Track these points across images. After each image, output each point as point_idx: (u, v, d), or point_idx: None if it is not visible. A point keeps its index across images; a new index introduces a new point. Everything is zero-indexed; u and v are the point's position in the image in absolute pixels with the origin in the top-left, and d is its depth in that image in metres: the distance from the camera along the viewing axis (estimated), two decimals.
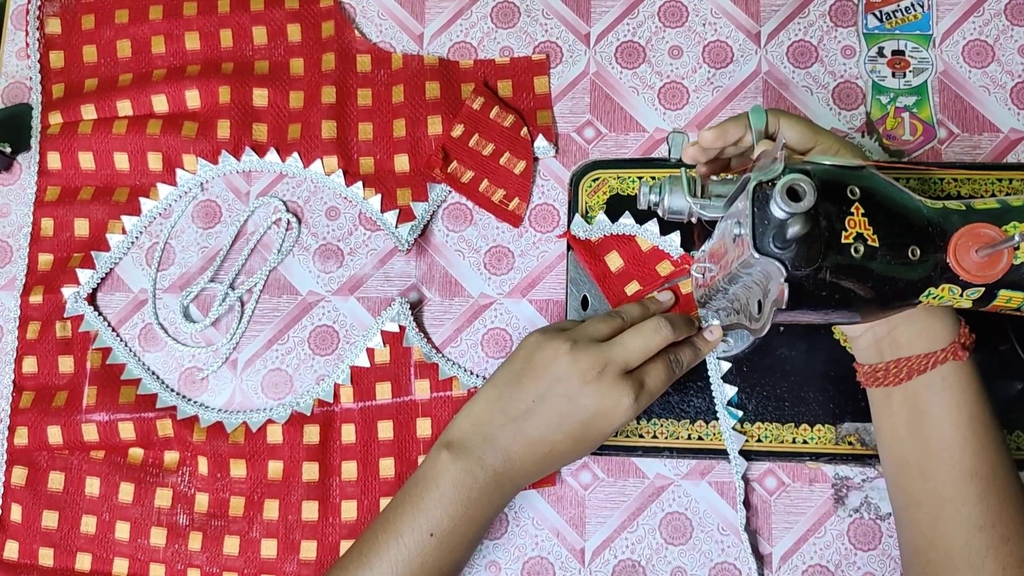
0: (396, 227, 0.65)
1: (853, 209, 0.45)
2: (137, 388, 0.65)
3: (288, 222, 0.67)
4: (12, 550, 0.64)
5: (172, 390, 0.65)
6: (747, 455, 0.61)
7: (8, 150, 0.68)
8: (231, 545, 0.62)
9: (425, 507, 0.52)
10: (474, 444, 0.53)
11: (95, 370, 0.65)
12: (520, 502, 0.62)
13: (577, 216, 0.64)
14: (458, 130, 0.66)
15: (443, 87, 0.67)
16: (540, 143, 0.66)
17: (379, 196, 0.65)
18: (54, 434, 0.64)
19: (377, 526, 0.53)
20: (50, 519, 0.64)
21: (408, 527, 0.52)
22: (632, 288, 0.63)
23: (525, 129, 0.66)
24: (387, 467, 0.62)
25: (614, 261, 0.63)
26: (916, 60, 0.66)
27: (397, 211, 0.65)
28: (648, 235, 0.63)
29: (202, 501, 0.63)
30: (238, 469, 0.63)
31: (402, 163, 0.66)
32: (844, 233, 0.44)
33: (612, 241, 0.64)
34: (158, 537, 0.62)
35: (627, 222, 0.63)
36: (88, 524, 0.63)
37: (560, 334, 0.55)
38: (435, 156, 0.65)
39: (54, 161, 0.68)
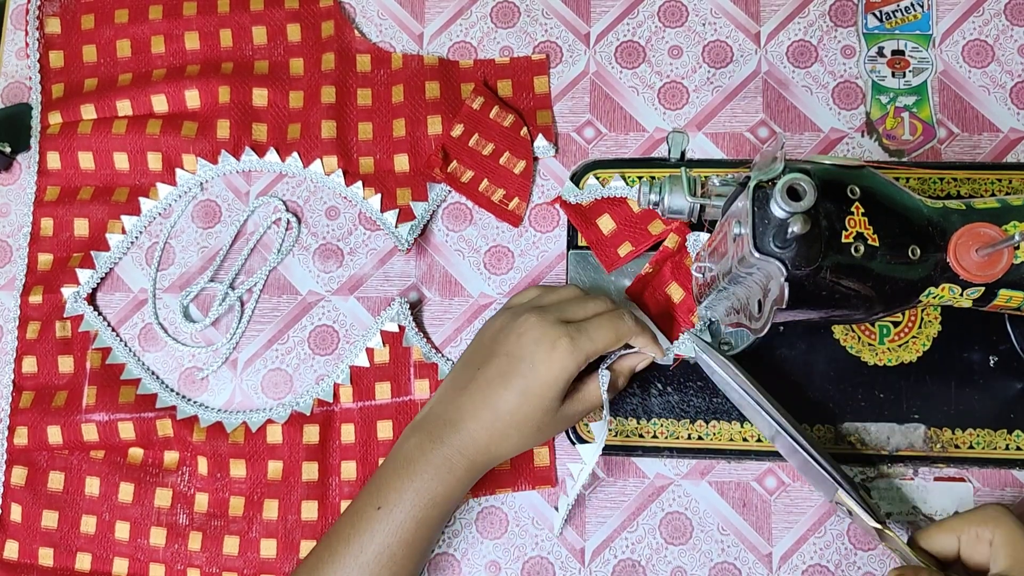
0: (396, 227, 0.65)
1: (853, 208, 0.45)
2: (137, 388, 0.65)
3: (288, 222, 0.67)
4: (12, 550, 0.64)
5: (172, 390, 0.65)
6: (747, 455, 0.61)
7: (8, 150, 0.68)
8: (231, 545, 0.62)
9: (376, 483, 0.54)
10: (428, 420, 0.55)
11: (95, 370, 0.65)
12: (520, 502, 0.62)
13: (568, 182, 0.65)
14: (458, 130, 0.66)
15: (443, 87, 0.67)
16: (540, 143, 0.66)
17: (379, 196, 0.65)
18: (54, 434, 0.64)
19: (343, 511, 0.55)
20: (50, 519, 0.64)
21: (361, 503, 0.53)
22: (625, 249, 0.63)
23: (525, 129, 0.66)
24: None
25: (606, 224, 0.64)
26: (916, 60, 0.66)
27: (397, 211, 0.65)
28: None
29: (202, 501, 0.63)
30: (238, 469, 0.63)
31: (402, 163, 0.66)
32: (844, 233, 0.44)
33: (603, 204, 0.64)
34: (158, 537, 0.62)
35: (617, 184, 0.64)
36: (88, 524, 0.63)
37: (507, 309, 0.58)
38: (435, 156, 0.65)
39: (54, 161, 0.68)
